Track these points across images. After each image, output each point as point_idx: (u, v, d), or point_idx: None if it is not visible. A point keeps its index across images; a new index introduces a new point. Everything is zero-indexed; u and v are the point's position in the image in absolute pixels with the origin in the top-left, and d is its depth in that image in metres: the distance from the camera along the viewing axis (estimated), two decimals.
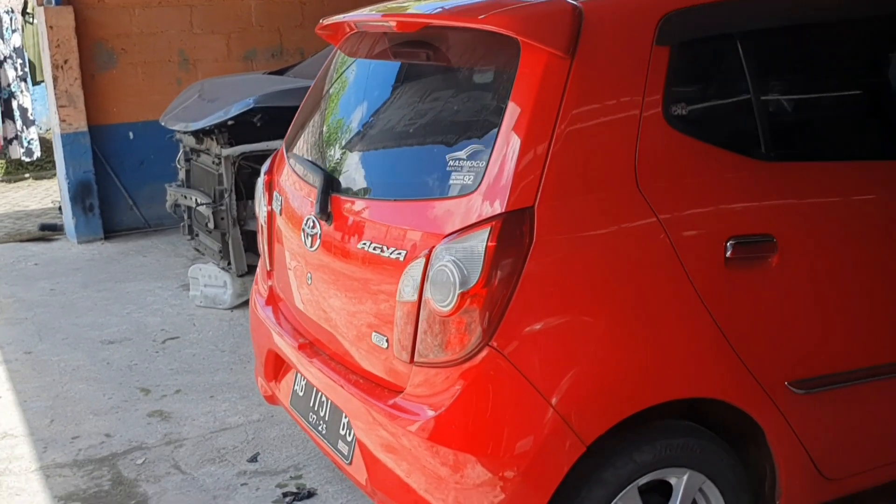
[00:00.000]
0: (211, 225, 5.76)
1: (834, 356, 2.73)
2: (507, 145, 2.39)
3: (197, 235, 6.31)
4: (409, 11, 2.90)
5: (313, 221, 2.92)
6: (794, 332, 2.64)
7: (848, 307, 2.72)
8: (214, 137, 5.79)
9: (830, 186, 2.71)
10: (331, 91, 3.29)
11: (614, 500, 2.50)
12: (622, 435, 2.48)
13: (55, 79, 7.45)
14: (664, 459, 2.54)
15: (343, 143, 3.09)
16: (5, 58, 9.99)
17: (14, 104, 10.05)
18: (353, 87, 3.21)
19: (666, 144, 2.48)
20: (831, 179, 2.71)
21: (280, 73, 6.83)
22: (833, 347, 2.73)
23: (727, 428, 2.70)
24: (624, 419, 2.43)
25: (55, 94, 7.48)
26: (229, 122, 5.65)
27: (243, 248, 5.70)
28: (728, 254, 2.50)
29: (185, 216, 6.36)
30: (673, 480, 2.61)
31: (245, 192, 5.67)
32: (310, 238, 2.95)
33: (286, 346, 3.19)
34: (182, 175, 6.45)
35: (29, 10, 9.55)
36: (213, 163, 5.84)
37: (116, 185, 7.89)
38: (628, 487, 2.51)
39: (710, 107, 2.72)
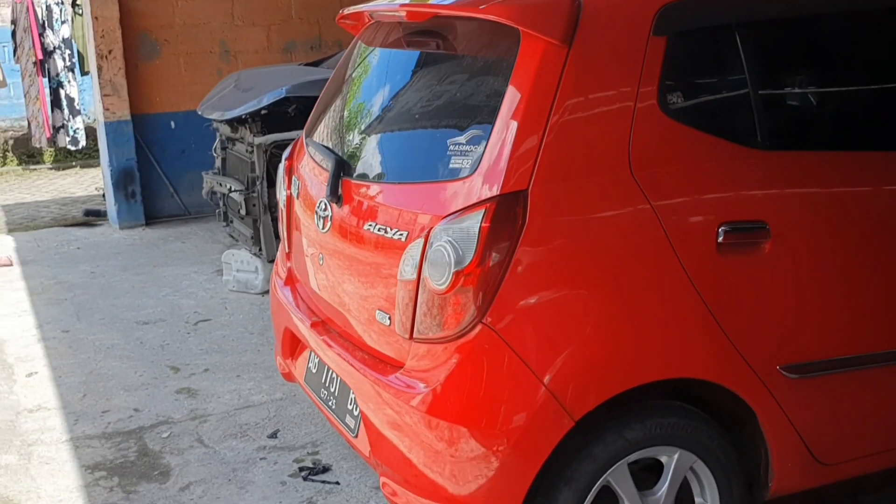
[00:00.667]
0: (243, 211, 5.93)
1: (828, 342, 2.78)
2: (504, 130, 2.48)
3: (231, 222, 6.48)
4: (419, 1, 3.00)
5: (325, 204, 3.04)
6: (786, 317, 2.69)
7: (842, 295, 2.76)
8: (248, 126, 5.95)
9: (825, 175, 2.75)
10: (347, 79, 3.40)
11: (604, 475, 2.58)
12: (612, 412, 2.56)
13: (100, 68, 7.67)
14: (654, 438, 2.61)
15: (355, 129, 3.21)
16: (55, 48, 10.26)
17: (62, 94, 10.32)
18: (367, 76, 3.32)
19: (660, 132, 2.55)
20: (826, 168, 2.76)
21: (315, 64, 6.97)
22: (826, 334, 2.77)
23: (722, 411, 2.77)
24: (613, 397, 2.51)
25: (99, 84, 7.71)
26: (262, 112, 5.81)
27: (274, 234, 5.84)
28: (720, 239, 2.56)
29: (221, 203, 6.53)
30: (664, 459, 2.68)
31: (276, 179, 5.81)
32: (322, 220, 3.06)
33: (301, 325, 3.32)
34: (218, 163, 6.62)
35: (78, 1, 9.80)
36: (247, 151, 6.00)
37: (158, 173, 8.11)
38: (618, 463, 2.58)
39: (706, 96, 2.78)
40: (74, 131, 10.43)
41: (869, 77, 2.97)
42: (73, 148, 10.63)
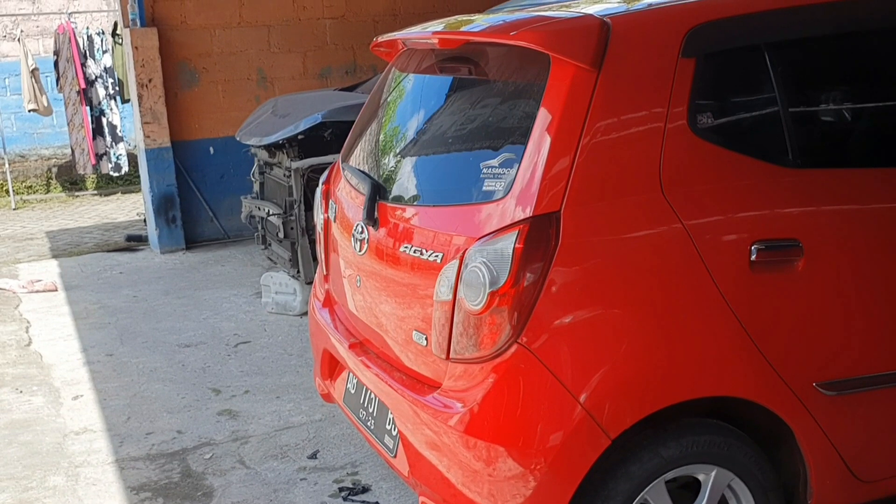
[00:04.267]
0: (281, 234, 6.02)
1: (864, 359, 2.77)
2: (537, 153, 2.52)
3: (269, 245, 6.58)
4: (451, 29, 3.06)
5: (362, 227, 3.10)
6: (821, 334, 2.70)
7: (877, 311, 2.76)
8: (286, 151, 6.05)
9: (857, 192, 2.76)
10: (382, 105, 3.47)
11: (641, 494, 2.60)
12: (649, 431, 2.58)
13: (140, 97, 7.84)
14: (690, 456, 2.62)
15: (390, 153, 3.27)
16: (96, 77, 10.50)
17: (104, 121, 10.54)
18: (401, 101, 3.39)
19: (691, 152, 2.58)
20: (858, 185, 2.77)
21: (350, 89, 7.07)
22: (863, 350, 2.77)
23: (759, 428, 2.77)
24: (648, 415, 2.53)
25: (140, 112, 7.88)
26: (299, 137, 5.90)
27: (312, 256, 5.92)
28: (753, 257, 2.58)
29: (259, 226, 6.63)
30: (701, 477, 2.69)
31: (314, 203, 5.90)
32: (359, 243, 3.12)
33: (339, 346, 3.37)
34: (256, 187, 6.73)
35: (118, 31, 10.02)
36: (285, 175, 6.09)
37: (198, 198, 8.25)
38: (655, 482, 2.60)
39: (737, 115, 2.81)
40: (117, 157, 10.64)
41: None
42: (115, 174, 10.85)
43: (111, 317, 6.31)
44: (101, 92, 10.49)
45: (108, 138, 10.55)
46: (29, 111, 10.93)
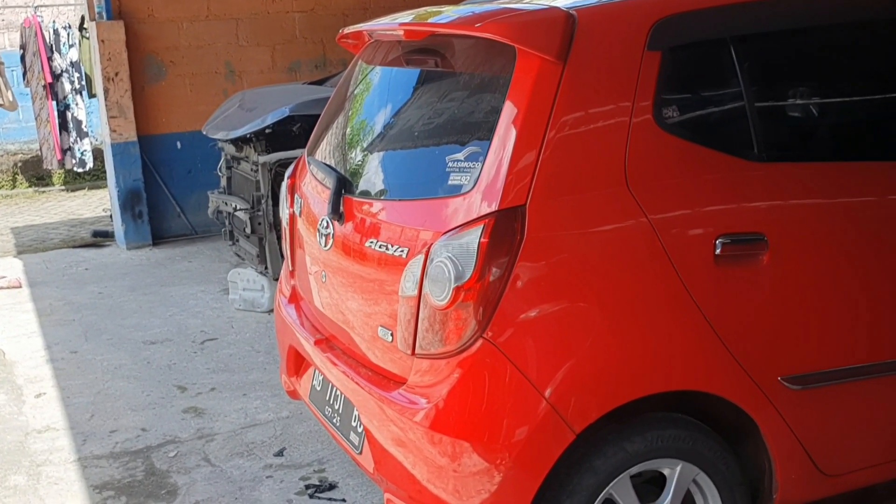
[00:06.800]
0: (249, 230, 5.96)
1: (829, 353, 2.78)
2: (502, 147, 2.50)
3: (237, 241, 6.52)
4: (418, 21, 3.03)
5: (327, 222, 3.06)
6: (786, 328, 2.70)
7: (842, 305, 2.77)
8: (253, 145, 5.99)
9: (823, 186, 2.76)
10: (348, 98, 3.43)
11: (606, 489, 2.59)
12: (614, 425, 2.57)
13: (106, 90, 7.74)
14: (655, 450, 2.62)
15: (356, 146, 3.24)
16: (62, 71, 10.35)
17: (69, 116, 10.40)
18: (368, 94, 3.35)
19: (656, 146, 2.57)
20: (824, 179, 2.77)
21: (320, 83, 7.02)
22: (827, 344, 2.78)
23: (724, 423, 2.77)
24: (614, 409, 2.52)
25: (106, 106, 7.77)
26: (267, 131, 5.85)
27: (279, 252, 5.87)
28: (717, 252, 2.58)
29: (226, 222, 6.57)
30: (666, 471, 2.69)
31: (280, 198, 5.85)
32: (324, 238, 3.09)
33: (305, 343, 3.34)
34: (223, 182, 6.67)
35: (85, 25, 9.88)
36: (252, 170, 6.04)
37: (165, 193, 8.15)
38: (620, 476, 2.59)
39: (702, 109, 2.80)
40: (82, 153, 10.50)
41: (864, 87, 2.98)
42: (80, 170, 10.71)
43: (76, 313, 6.22)
44: (67, 86, 10.35)
45: (74, 134, 10.41)
46: None
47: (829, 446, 2.84)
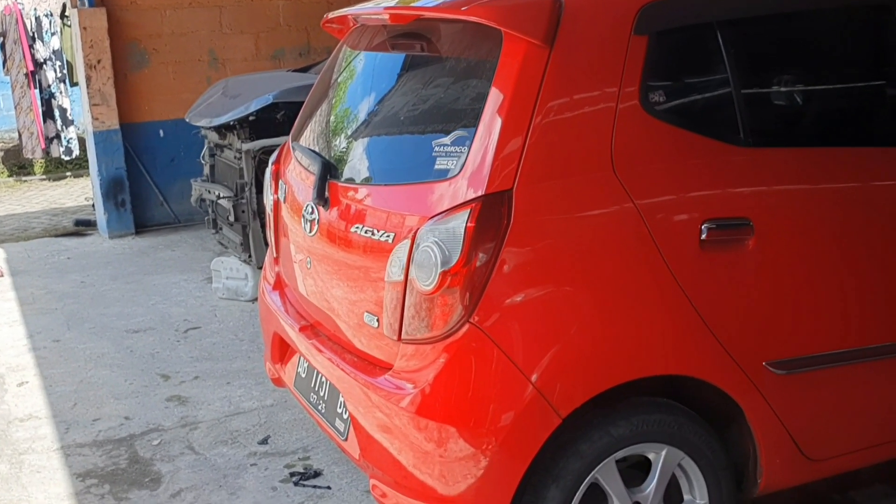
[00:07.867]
0: (232, 218, 5.93)
1: (814, 338, 2.79)
2: (488, 131, 2.49)
3: (220, 229, 6.48)
4: (402, 5, 3.01)
5: (312, 207, 3.04)
6: (771, 313, 2.70)
7: (827, 290, 2.78)
8: (236, 132, 5.95)
9: (809, 172, 2.76)
10: (333, 83, 3.41)
11: (592, 473, 2.59)
12: (599, 410, 2.57)
13: (88, 78, 7.67)
14: (641, 434, 2.62)
15: (341, 132, 3.22)
16: (45, 60, 10.27)
17: (54, 104, 10.32)
18: (353, 79, 3.33)
19: (642, 131, 2.57)
20: (810, 165, 2.77)
21: (304, 70, 6.98)
22: (813, 329, 2.78)
23: (709, 407, 2.78)
24: (599, 394, 2.52)
25: (88, 93, 7.71)
26: (250, 118, 5.81)
27: (263, 240, 5.84)
28: (703, 236, 2.58)
29: (210, 210, 6.53)
30: (651, 456, 2.69)
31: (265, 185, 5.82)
32: (309, 224, 3.07)
33: (290, 330, 3.32)
34: (207, 170, 6.62)
35: (66, 13, 9.80)
36: (235, 157, 6.00)
37: (147, 182, 8.11)
38: (606, 460, 2.59)
39: (689, 94, 2.80)
40: (68, 141, 10.44)
41: (851, 73, 2.99)
42: (67, 158, 10.65)
43: (58, 302, 6.18)
44: (51, 74, 10.27)
45: (59, 122, 10.34)
46: None
47: (814, 431, 2.85)
